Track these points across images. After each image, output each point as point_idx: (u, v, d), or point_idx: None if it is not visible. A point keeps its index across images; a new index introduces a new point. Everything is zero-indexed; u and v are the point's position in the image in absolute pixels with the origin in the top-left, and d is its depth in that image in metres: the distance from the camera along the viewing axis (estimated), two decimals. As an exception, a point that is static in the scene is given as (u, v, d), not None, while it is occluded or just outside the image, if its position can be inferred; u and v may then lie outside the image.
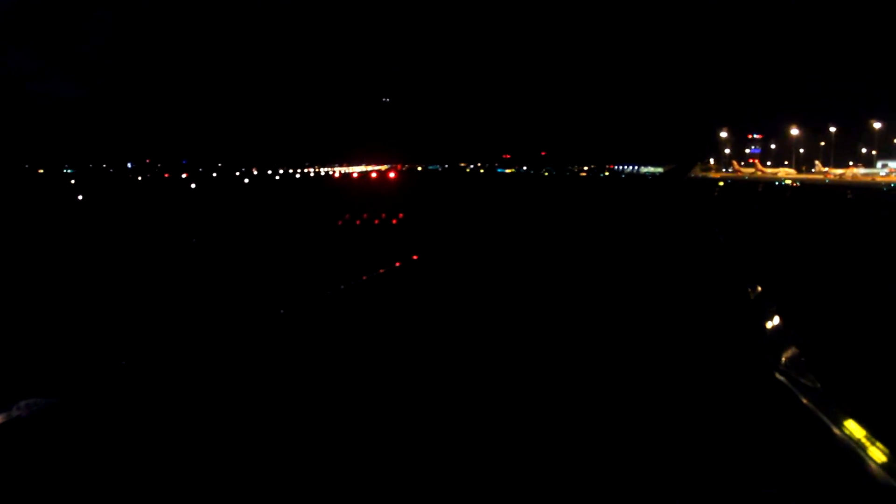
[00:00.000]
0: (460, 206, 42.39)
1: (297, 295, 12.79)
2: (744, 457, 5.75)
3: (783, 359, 8.71)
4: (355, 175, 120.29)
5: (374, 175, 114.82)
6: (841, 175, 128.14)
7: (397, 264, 16.91)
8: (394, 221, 31.09)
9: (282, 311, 11.50)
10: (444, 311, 11.70)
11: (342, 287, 13.58)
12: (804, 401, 7.03)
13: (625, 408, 6.89)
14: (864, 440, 5.90)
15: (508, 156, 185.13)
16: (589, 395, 7.28)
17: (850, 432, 6.08)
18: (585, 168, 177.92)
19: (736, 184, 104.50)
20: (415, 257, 18.59)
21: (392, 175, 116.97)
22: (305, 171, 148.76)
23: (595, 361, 8.56)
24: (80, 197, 49.01)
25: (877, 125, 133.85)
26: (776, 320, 10.84)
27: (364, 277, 14.70)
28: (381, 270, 15.81)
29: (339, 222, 29.95)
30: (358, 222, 30.28)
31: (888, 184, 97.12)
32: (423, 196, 53.49)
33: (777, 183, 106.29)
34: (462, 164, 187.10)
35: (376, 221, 30.48)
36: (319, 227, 27.87)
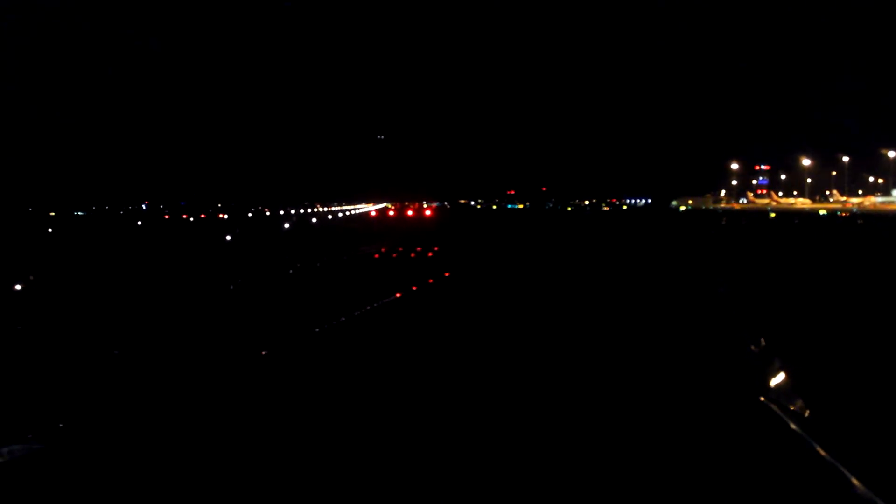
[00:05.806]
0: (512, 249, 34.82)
1: (352, 307, 13.82)
2: (732, 483, 5.73)
3: (772, 385, 8.78)
4: (392, 213, 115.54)
5: (410, 213, 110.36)
6: (860, 204, 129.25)
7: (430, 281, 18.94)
8: (430, 254, 29.11)
9: (337, 321, 12.54)
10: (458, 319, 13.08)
11: (385, 301, 15.06)
12: (793, 427, 6.92)
13: (613, 432, 6.85)
14: (853, 467, 5.72)
15: (513, 191, 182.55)
16: (579, 419, 7.27)
17: (840, 459, 5.91)
18: (588, 202, 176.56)
19: (788, 215, 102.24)
20: (446, 274, 20.62)
21: (428, 212, 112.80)
22: (332, 208, 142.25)
23: (584, 384, 8.75)
24: (228, 238, 43.54)
25: (891, 154, 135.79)
26: (765, 348, 10.85)
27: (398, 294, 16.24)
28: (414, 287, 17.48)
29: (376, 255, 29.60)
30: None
31: None
32: (473, 237, 45.99)
33: (819, 214, 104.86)
34: (462, 201, 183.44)
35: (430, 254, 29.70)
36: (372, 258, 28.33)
